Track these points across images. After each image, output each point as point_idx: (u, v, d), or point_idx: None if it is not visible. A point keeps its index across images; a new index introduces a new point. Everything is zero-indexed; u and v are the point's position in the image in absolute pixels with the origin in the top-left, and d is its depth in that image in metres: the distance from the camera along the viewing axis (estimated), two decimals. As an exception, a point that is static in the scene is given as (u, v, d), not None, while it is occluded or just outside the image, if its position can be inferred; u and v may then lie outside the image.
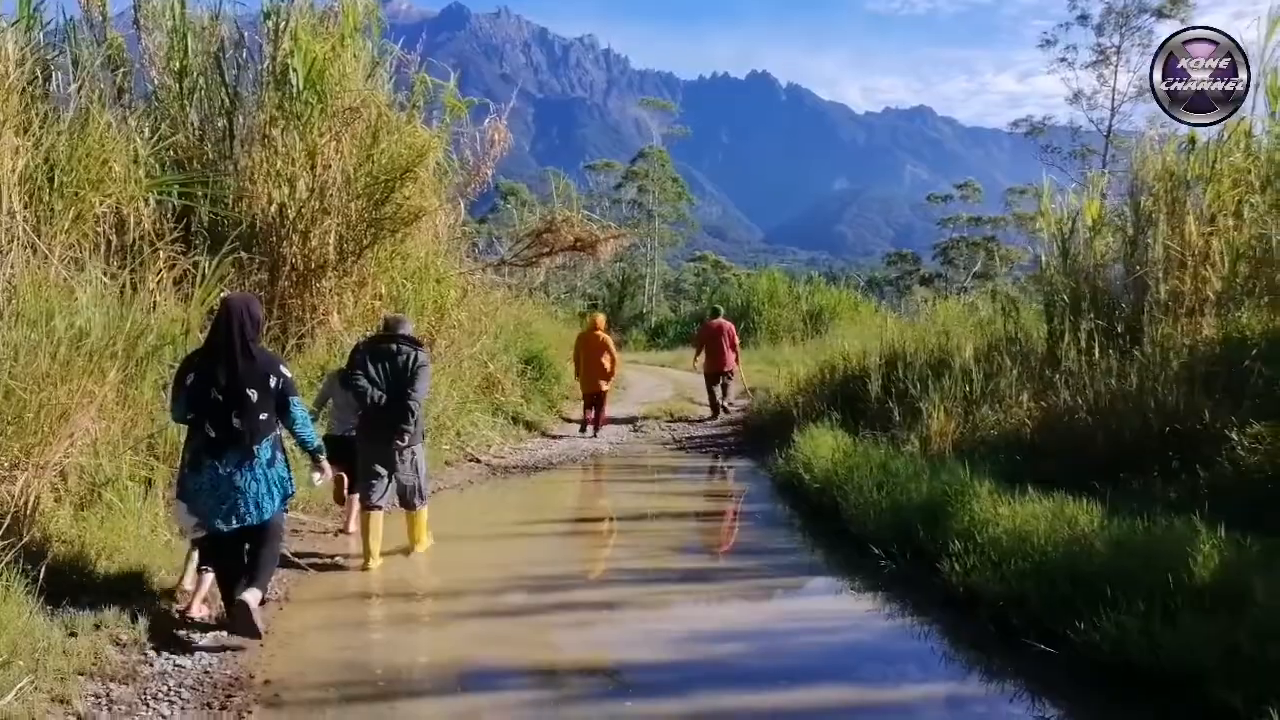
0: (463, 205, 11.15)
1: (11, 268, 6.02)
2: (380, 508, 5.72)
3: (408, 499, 5.91)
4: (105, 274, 6.38)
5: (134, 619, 4.26)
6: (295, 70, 9.00)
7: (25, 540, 4.20)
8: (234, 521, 4.21)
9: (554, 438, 11.57)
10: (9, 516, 4.25)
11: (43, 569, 4.12)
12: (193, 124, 9.13)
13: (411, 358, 5.69)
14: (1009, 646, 4.33)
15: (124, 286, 6.06)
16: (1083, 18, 29.08)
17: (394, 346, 5.72)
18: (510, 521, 7.38)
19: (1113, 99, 28.82)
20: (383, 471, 5.72)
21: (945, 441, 8.02)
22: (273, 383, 4.29)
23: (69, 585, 4.28)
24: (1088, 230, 9.12)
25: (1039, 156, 31.85)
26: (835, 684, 4.11)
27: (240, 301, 4.37)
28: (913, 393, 8.38)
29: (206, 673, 3.92)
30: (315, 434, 4.69)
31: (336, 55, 9.23)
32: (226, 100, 9.31)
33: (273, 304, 8.60)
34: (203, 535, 4.28)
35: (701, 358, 13.28)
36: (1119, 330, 7.66)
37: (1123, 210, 9.39)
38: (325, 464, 4.72)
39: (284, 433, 4.53)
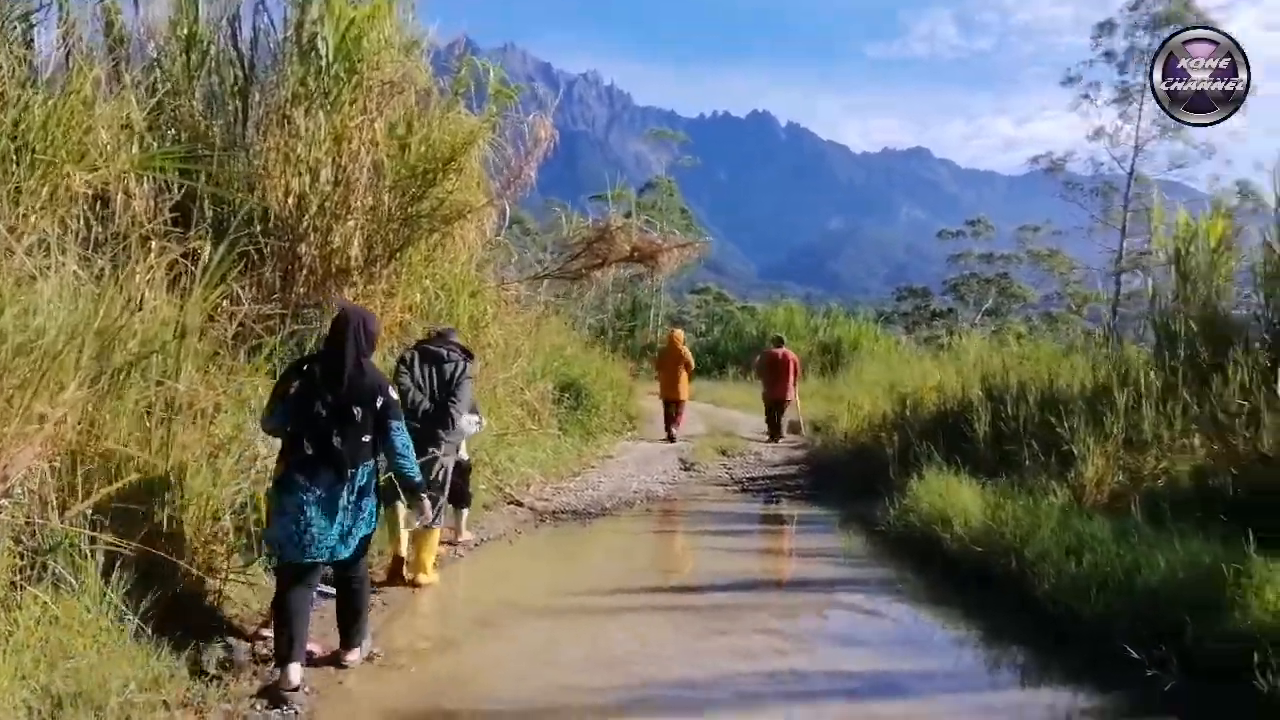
0: (507, 208, 9.66)
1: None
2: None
3: None
4: (80, 262, 4.87)
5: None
6: (324, 39, 7.56)
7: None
8: (310, 554, 3.82)
9: (599, 476, 10.03)
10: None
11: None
12: (198, 101, 7.66)
13: (460, 366, 5.52)
14: None
15: (101, 275, 4.53)
16: (1108, 54, 28.34)
17: (445, 352, 5.53)
18: (586, 590, 5.75)
19: (1136, 137, 27.85)
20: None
21: (1103, 492, 6.66)
22: (378, 403, 3.94)
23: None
24: (1209, 253, 8.05)
25: (1061, 193, 31.02)
26: None
27: (357, 312, 4.19)
28: (1061, 433, 6.90)
29: None
30: (417, 467, 4.13)
31: (372, 24, 7.79)
32: (241, 76, 7.84)
33: (286, 313, 7.06)
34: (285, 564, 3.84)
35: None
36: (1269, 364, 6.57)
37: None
38: (426, 504, 4.16)
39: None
